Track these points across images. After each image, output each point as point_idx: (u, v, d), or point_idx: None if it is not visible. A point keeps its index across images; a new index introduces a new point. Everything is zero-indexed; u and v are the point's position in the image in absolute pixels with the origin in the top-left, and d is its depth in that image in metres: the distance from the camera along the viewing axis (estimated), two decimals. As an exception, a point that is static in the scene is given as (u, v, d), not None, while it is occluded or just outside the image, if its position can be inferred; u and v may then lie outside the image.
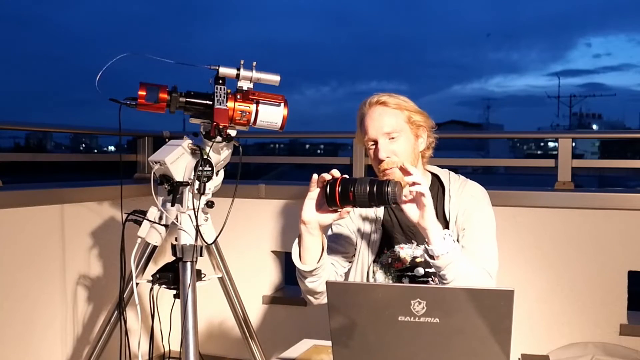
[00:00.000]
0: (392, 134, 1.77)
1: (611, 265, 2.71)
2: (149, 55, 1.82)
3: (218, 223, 1.91)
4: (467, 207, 1.81)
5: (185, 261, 1.89)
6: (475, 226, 1.79)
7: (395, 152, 1.77)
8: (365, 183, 1.52)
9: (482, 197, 1.85)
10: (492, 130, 38.75)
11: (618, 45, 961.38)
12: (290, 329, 3.16)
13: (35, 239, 2.65)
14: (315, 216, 1.62)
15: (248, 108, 1.83)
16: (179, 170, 1.89)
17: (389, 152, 1.77)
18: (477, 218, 1.80)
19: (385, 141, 1.77)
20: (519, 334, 1.32)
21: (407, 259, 1.84)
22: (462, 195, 1.84)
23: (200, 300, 1.91)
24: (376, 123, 1.78)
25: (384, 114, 1.79)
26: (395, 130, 1.78)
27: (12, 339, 2.54)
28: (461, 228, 1.80)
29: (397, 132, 1.78)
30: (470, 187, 1.87)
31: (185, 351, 1.82)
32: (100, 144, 40.67)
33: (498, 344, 1.17)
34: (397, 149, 1.77)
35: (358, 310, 1.25)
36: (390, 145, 1.77)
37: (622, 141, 28.43)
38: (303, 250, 1.70)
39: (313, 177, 1.60)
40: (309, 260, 1.70)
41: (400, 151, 1.78)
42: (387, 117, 1.78)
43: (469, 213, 1.81)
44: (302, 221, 1.64)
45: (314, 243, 1.67)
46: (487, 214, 1.83)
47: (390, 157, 1.77)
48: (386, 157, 1.76)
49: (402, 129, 1.79)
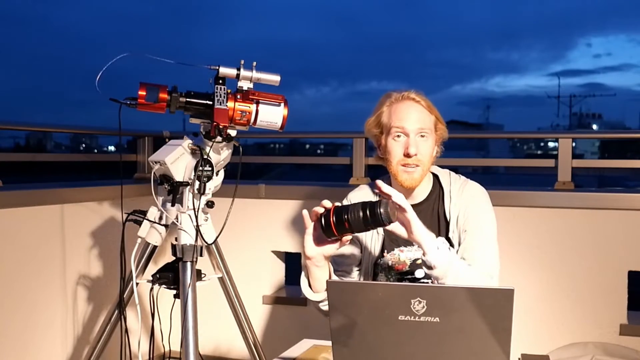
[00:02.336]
0: (423, 131, 1.78)
1: (611, 265, 2.71)
2: (149, 55, 1.82)
3: (218, 223, 1.92)
4: (468, 208, 1.81)
5: (186, 261, 1.89)
6: (476, 228, 1.79)
7: (422, 151, 1.78)
8: (357, 209, 1.50)
9: (482, 198, 1.85)
10: (492, 130, 38.78)
11: (618, 45, 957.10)
12: (290, 329, 3.17)
13: (35, 239, 2.65)
14: (317, 250, 1.59)
15: (248, 108, 1.83)
16: (179, 170, 1.89)
17: (417, 149, 1.77)
18: (478, 219, 1.80)
19: (417, 137, 1.78)
20: (519, 334, 1.32)
21: (407, 262, 1.84)
22: (462, 196, 1.84)
23: (200, 300, 1.91)
24: (412, 116, 1.78)
25: (419, 111, 1.79)
26: (427, 129, 1.79)
27: (12, 339, 2.54)
28: (462, 229, 1.80)
29: (427, 132, 1.79)
30: (471, 187, 1.87)
31: (185, 351, 1.82)
32: (100, 144, 40.69)
33: (498, 343, 1.17)
34: (424, 149, 1.78)
35: (358, 309, 1.25)
36: (420, 143, 1.78)
37: (622, 141, 28.43)
38: (313, 281, 1.67)
39: (304, 213, 1.57)
40: (320, 287, 1.67)
41: (426, 152, 1.79)
42: (422, 115, 1.79)
43: (470, 214, 1.81)
44: (307, 257, 1.61)
45: (322, 272, 1.65)
46: (487, 214, 1.83)
47: (416, 155, 1.77)
48: (415, 153, 1.76)
49: (431, 130, 1.81)
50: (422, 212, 1.84)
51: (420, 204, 1.87)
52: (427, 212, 1.86)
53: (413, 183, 1.80)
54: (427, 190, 1.88)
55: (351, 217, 1.49)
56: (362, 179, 3.19)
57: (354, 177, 3.24)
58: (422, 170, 1.79)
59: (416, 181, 1.80)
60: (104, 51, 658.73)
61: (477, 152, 29.87)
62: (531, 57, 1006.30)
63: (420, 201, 1.87)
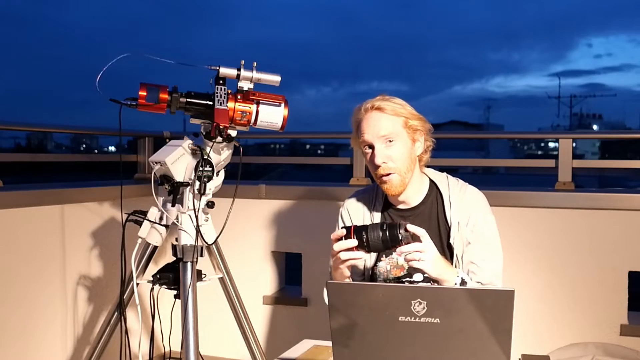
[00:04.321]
0: (388, 137, 1.76)
1: (611, 266, 2.71)
2: (150, 56, 1.82)
3: (218, 223, 1.92)
4: (471, 217, 1.80)
5: (186, 261, 1.89)
6: (481, 236, 1.79)
7: (392, 157, 1.76)
8: (377, 230, 1.58)
9: (483, 205, 1.85)
10: (492, 131, 38.74)
11: (619, 45, 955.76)
12: (290, 329, 3.17)
13: (35, 239, 2.65)
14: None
15: (248, 108, 1.83)
16: (180, 171, 1.89)
17: (385, 158, 1.76)
18: (482, 228, 1.80)
19: (382, 146, 1.76)
20: (519, 334, 1.33)
21: (405, 266, 1.83)
22: (463, 202, 1.82)
23: (201, 301, 1.91)
24: (372, 128, 1.76)
25: (381, 119, 1.77)
26: (392, 134, 1.76)
27: (12, 339, 2.54)
28: (466, 241, 1.79)
29: (393, 137, 1.76)
30: (471, 193, 1.85)
31: (186, 351, 1.82)
32: (100, 145, 40.71)
33: (498, 344, 1.17)
34: (394, 154, 1.76)
35: (358, 310, 1.25)
36: (387, 151, 1.76)
37: (622, 141, 28.41)
38: None
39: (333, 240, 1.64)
40: None
41: (397, 156, 1.77)
42: (384, 122, 1.77)
43: (473, 223, 1.80)
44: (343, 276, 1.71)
45: None
46: (490, 222, 1.83)
47: (386, 163, 1.76)
48: (382, 163, 1.76)
49: (399, 133, 1.77)
50: (420, 216, 1.84)
51: (416, 208, 1.86)
52: (424, 216, 1.85)
53: (395, 190, 1.79)
54: (422, 193, 1.87)
55: (371, 237, 1.58)
56: (363, 179, 3.19)
57: (354, 178, 3.24)
58: (400, 175, 1.77)
59: (397, 187, 1.78)
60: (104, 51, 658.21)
61: (477, 152, 29.88)
62: (532, 58, 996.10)
63: (416, 205, 1.86)
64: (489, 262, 1.77)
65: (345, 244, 1.60)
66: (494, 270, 1.77)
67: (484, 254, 1.77)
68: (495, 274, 1.77)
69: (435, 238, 1.81)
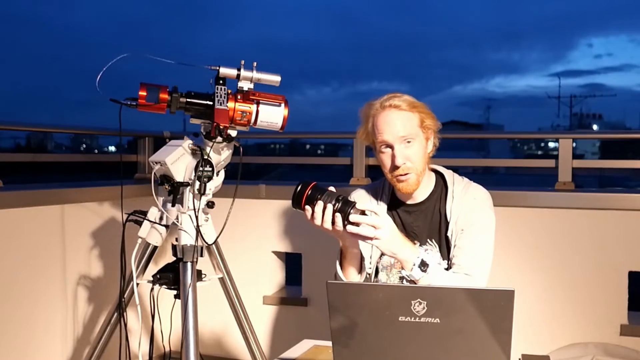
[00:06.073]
0: (407, 138, 1.77)
1: (611, 266, 2.71)
2: (150, 56, 1.82)
3: (218, 223, 1.91)
4: (469, 209, 1.82)
5: (186, 261, 1.89)
6: (473, 227, 1.80)
7: (410, 157, 1.78)
8: (332, 198, 1.63)
9: (484, 200, 1.86)
10: (492, 131, 38.73)
11: (619, 45, 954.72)
12: (290, 329, 3.16)
13: (35, 239, 2.65)
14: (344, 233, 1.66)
15: (248, 108, 1.83)
16: (180, 171, 1.89)
17: (404, 158, 1.77)
18: (476, 219, 1.81)
19: (401, 147, 1.77)
20: (519, 334, 1.32)
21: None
22: (464, 197, 1.84)
23: (201, 301, 1.91)
24: (392, 127, 1.77)
25: (399, 118, 1.78)
26: (411, 135, 1.78)
27: (12, 339, 2.54)
28: (459, 229, 1.81)
29: (412, 137, 1.78)
30: (474, 189, 1.87)
31: (186, 351, 1.82)
32: (100, 145, 40.71)
33: (498, 344, 1.17)
34: (412, 155, 1.78)
35: (358, 310, 1.25)
36: (406, 151, 1.78)
37: (622, 141, 28.41)
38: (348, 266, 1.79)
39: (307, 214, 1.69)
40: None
41: (415, 156, 1.79)
42: (403, 122, 1.78)
43: (469, 215, 1.81)
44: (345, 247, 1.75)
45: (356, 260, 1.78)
46: (487, 216, 1.83)
47: (405, 163, 1.78)
48: (402, 164, 1.77)
49: (417, 133, 1.80)
50: (424, 211, 1.87)
51: (422, 204, 1.88)
52: (428, 211, 1.88)
53: (410, 188, 1.81)
54: (429, 189, 1.89)
55: (324, 199, 1.62)
56: (363, 179, 3.19)
57: (354, 178, 3.24)
58: (416, 174, 1.80)
59: (412, 186, 1.81)
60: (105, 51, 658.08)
61: (477, 152, 29.87)
62: (532, 58, 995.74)
63: (422, 200, 1.89)
64: (471, 248, 1.77)
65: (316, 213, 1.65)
66: (475, 256, 1.77)
67: (470, 239, 1.78)
68: (477, 261, 1.77)
69: (435, 231, 1.84)
